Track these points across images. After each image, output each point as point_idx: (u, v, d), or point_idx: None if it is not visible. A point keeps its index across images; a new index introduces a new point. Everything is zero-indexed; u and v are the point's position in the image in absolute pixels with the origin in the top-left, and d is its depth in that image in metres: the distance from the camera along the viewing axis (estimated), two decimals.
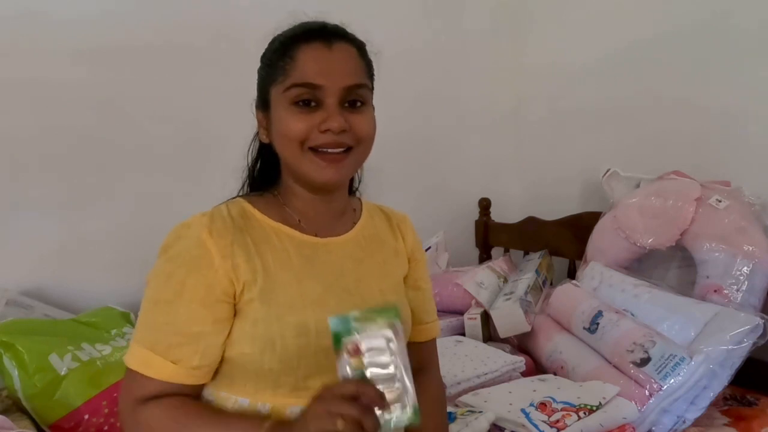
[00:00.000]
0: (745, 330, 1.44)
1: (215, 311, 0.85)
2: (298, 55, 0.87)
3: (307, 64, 0.87)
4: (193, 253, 0.85)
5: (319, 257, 0.94)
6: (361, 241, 1.00)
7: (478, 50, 2.55)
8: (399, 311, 0.75)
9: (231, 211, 0.92)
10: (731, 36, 1.83)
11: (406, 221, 1.10)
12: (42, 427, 1.45)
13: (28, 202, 1.80)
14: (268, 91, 0.91)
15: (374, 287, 0.97)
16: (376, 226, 1.05)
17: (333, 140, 0.87)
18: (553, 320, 1.84)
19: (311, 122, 0.87)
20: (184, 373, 0.84)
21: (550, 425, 1.30)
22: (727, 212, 1.65)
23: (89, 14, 1.83)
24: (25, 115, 1.78)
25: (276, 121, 0.90)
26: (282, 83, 0.88)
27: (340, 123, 0.86)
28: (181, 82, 1.95)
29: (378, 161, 0.96)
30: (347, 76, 0.88)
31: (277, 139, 0.91)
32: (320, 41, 0.88)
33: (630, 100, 2.13)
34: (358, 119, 0.89)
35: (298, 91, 0.87)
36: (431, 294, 1.13)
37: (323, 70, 0.87)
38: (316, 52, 0.87)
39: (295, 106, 0.87)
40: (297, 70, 0.87)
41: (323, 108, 0.87)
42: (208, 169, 1.89)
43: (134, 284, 1.89)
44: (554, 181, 2.46)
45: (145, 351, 0.84)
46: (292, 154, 0.89)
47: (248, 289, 0.86)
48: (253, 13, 1.90)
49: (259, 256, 0.89)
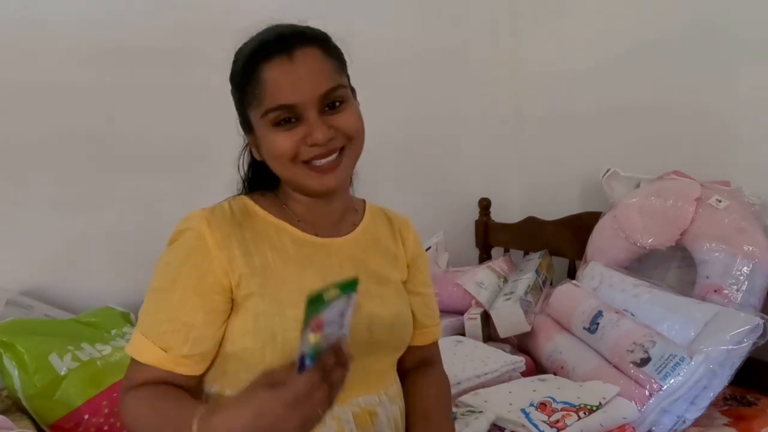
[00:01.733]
0: (745, 330, 1.44)
1: (207, 301, 0.86)
2: (263, 77, 0.85)
3: (274, 85, 0.85)
4: (191, 243, 0.87)
5: (318, 257, 0.94)
6: (361, 244, 1.00)
7: (479, 51, 2.54)
8: (359, 283, 0.72)
9: (232, 206, 0.93)
10: (731, 37, 1.83)
11: (408, 226, 1.10)
12: (42, 427, 1.45)
13: (28, 202, 1.80)
14: (247, 114, 0.91)
15: (374, 291, 0.96)
16: (377, 229, 1.05)
17: (323, 151, 0.87)
18: (553, 320, 1.84)
19: (296, 137, 0.86)
20: (173, 360, 0.85)
21: (550, 425, 1.30)
22: (727, 212, 1.65)
23: (89, 17, 1.83)
24: (25, 116, 1.78)
25: (263, 143, 0.90)
26: (257, 108, 0.87)
27: (324, 134, 0.85)
28: (181, 83, 1.95)
29: (378, 161, 0.96)
30: (317, 84, 0.86)
31: (268, 159, 0.91)
32: (280, 55, 0.85)
33: (630, 100, 2.13)
34: (342, 118, 0.88)
35: (274, 114, 0.86)
36: (434, 297, 1.12)
37: (292, 87, 0.84)
38: (279, 68, 0.85)
39: (275, 127, 0.87)
40: (267, 95, 0.85)
41: (304, 121, 0.86)
42: (208, 170, 1.89)
43: (134, 284, 1.90)
44: (554, 181, 2.46)
45: (141, 337, 0.86)
46: (287, 171, 0.89)
47: (245, 283, 0.87)
48: (252, 14, 1.90)
49: (257, 251, 0.89)
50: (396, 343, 0.99)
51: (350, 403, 0.91)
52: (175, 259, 0.87)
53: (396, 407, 0.98)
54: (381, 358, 0.96)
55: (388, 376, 0.99)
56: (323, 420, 0.72)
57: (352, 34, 0.96)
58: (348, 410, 0.90)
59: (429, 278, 1.12)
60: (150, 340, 0.85)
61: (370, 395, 0.93)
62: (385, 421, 0.94)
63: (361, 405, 0.92)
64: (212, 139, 1.97)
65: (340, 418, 0.89)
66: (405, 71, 2.30)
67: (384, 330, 0.94)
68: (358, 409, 0.91)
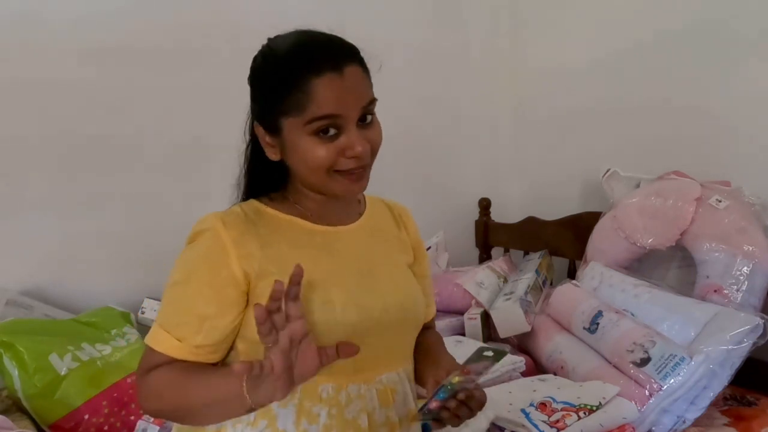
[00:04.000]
0: (745, 330, 1.44)
1: (221, 294, 0.89)
2: (313, 90, 0.87)
3: (324, 97, 0.87)
4: (208, 242, 0.91)
5: (331, 244, 0.98)
6: (369, 230, 1.04)
7: (479, 50, 2.54)
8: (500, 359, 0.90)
9: (244, 209, 0.97)
10: (731, 37, 1.83)
11: (407, 213, 1.14)
12: (42, 427, 1.45)
13: (28, 202, 1.80)
14: (278, 119, 0.92)
15: (385, 273, 1.00)
16: (380, 216, 1.09)
17: (358, 164, 0.91)
18: (553, 320, 1.84)
19: (334, 149, 0.89)
20: (187, 350, 0.89)
21: (550, 425, 1.30)
22: (727, 212, 1.65)
23: (89, 16, 1.83)
24: (25, 116, 1.78)
25: (295, 149, 0.91)
26: (299, 117, 0.88)
27: (364, 147, 0.89)
28: (181, 82, 1.95)
29: (378, 161, 0.96)
30: (361, 98, 0.90)
31: (298, 165, 0.93)
32: (332, 72, 0.87)
33: (630, 100, 2.13)
34: (373, 132, 0.92)
35: (319, 123, 0.88)
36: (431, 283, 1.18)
37: (340, 100, 0.88)
38: (331, 82, 0.87)
39: (316, 137, 0.89)
40: (314, 104, 0.87)
41: (344, 133, 0.89)
42: (209, 171, 1.89)
43: (134, 284, 1.91)
44: (554, 181, 2.46)
45: (158, 328, 0.90)
46: (318, 178, 0.92)
47: (264, 277, 0.90)
48: (252, 14, 1.90)
49: (273, 243, 0.93)
50: (412, 321, 1.03)
51: (375, 381, 0.95)
52: (192, 257, 0.92)
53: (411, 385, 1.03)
54: (400, 337, 1.01)
55: (406, 354, 1.04)
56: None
57: (353, 34, 0.96)
58: (372, 388, 0.94)
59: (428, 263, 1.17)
60: (166, 330, 0.89)
61: (391, 373, 0.97)
62: (403, 397, 0.98)
63: (383, 383, 0.96)
64: (213, 139, 1.97)
65: (364, 396, 0.93)
66: (405, 71, 2.30)
67: (399, 311, 0.98)
68: (381, 386, 0.95)
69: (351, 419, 0.91)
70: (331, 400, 0.90)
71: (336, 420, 0.90)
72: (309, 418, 0.89)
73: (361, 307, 0.92)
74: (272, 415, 0.89)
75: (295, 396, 0.89)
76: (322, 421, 0.89)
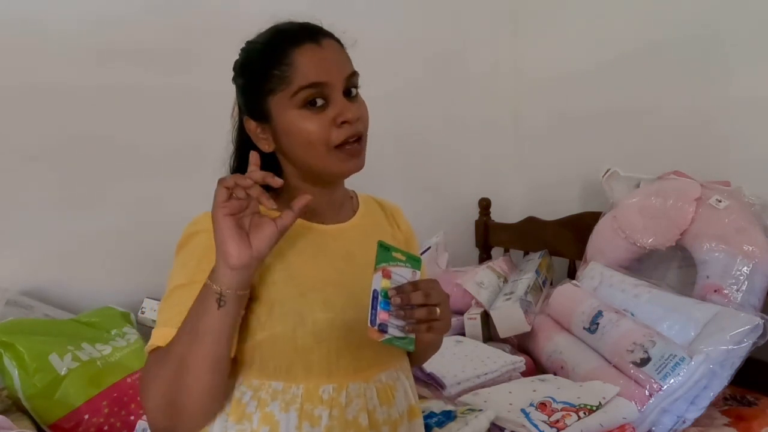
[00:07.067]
0: (745, 330, 1.44)
1: None
2: (295, 60, 0.89)
3: (307, 65, 0.89)
4: (205, 244, 0.89)
5: (327, 243, 0.98)
6: (363, 228, 1.04)
7: (479, 51, 2.54)
8: (422, 264, 0.91)
9: None
10: (728, 38, 1.83)
11: (398, 211, 1.14)
12: (42, 427, 1.45)
13: (28, 202, 1.80)
14: (265, 101, 0.92)
15: None
16: (373, 214, 1.09)
17: (352, 131, 0.91)
18: (553, 320, 1.84)
19: (325, 120, 0.90)
20: None
21: (550, 425, 1.30)
22: (727, 212, 1.65)
23: (89, 19, 1.83)
24: (25, 117, 1.78)
25: (287, 129, 0.92)
26: (285, 90, 0.90)
27: (354, 112, 0.90)
28: (181, 85, 1.94)
29: (378, 161, 0.96)
30: (343, 67, 0.92)
31: (294, 148, 0.93)
32: (310, 42, 0.90)
33: (630, 101, 2.13)
34: (359, 106, 0.93)
35: (306, 93, 0.89)
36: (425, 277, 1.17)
37: (323, 68, 0.89)
38: (311, 52, 0.90)
39: (305, 109, 0.90)
40: (299, 74, 0.89)
41: (332, 104, 0.90)
42: (208, 172, 1.88)
43: (134, 284, 1.91)
44: (554, 181, 2.46)
45: (161, 327, 0.89)
46: (318, 155, 0.91)
47: (264, 276, 0.90)
48: (251, 16, 1.90)
49: None
50: None
51: (374, 380, 0.95)
52: (191, 260, 0.90)
53: (410, 381, 1.03)
54: None
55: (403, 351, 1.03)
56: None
57: (353, 35, 0.96)
58: (372, 386, 0.95)
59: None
60: (169, 327, 0.87)
61: (389, 371, 0.98)
62: (402, 394, 0.99)
63: (383, 381, 0.96)
64: (212, 141, 1.95)
65: (365, 395, 0.93)
66: (405, 73, 2.30)
67: None
68: (380, 384, 0.96)
69: (352, 419, 0.91)
70: (332, 401, 0.90)
71: (337, 421, 0.90)
72: (311, 420, 0.89)
73: (360, 306, 0.92)
74: (274, 421, 0.89)
75: (296, 400, 0.89)
76: (323, 423, 0.90)
